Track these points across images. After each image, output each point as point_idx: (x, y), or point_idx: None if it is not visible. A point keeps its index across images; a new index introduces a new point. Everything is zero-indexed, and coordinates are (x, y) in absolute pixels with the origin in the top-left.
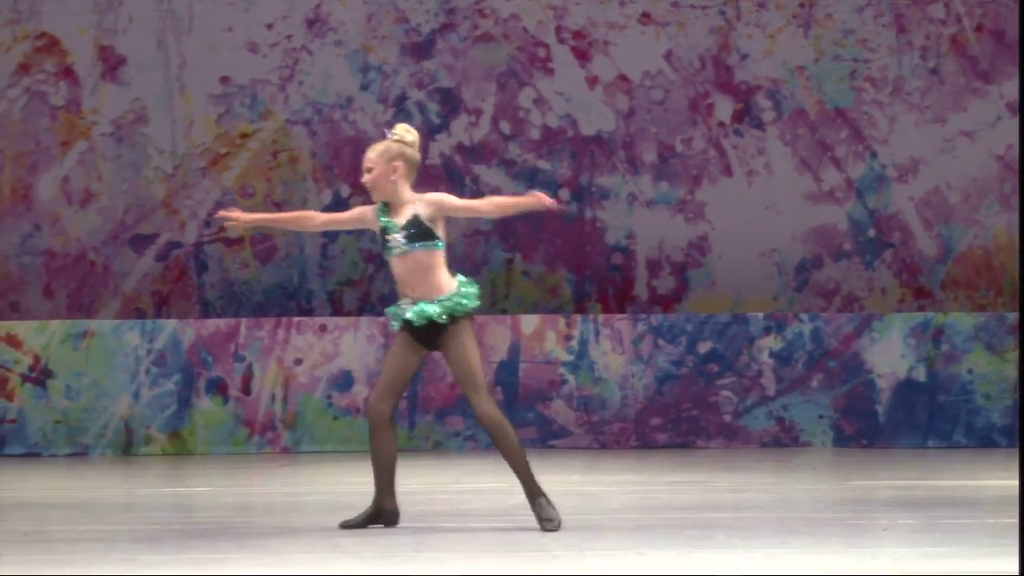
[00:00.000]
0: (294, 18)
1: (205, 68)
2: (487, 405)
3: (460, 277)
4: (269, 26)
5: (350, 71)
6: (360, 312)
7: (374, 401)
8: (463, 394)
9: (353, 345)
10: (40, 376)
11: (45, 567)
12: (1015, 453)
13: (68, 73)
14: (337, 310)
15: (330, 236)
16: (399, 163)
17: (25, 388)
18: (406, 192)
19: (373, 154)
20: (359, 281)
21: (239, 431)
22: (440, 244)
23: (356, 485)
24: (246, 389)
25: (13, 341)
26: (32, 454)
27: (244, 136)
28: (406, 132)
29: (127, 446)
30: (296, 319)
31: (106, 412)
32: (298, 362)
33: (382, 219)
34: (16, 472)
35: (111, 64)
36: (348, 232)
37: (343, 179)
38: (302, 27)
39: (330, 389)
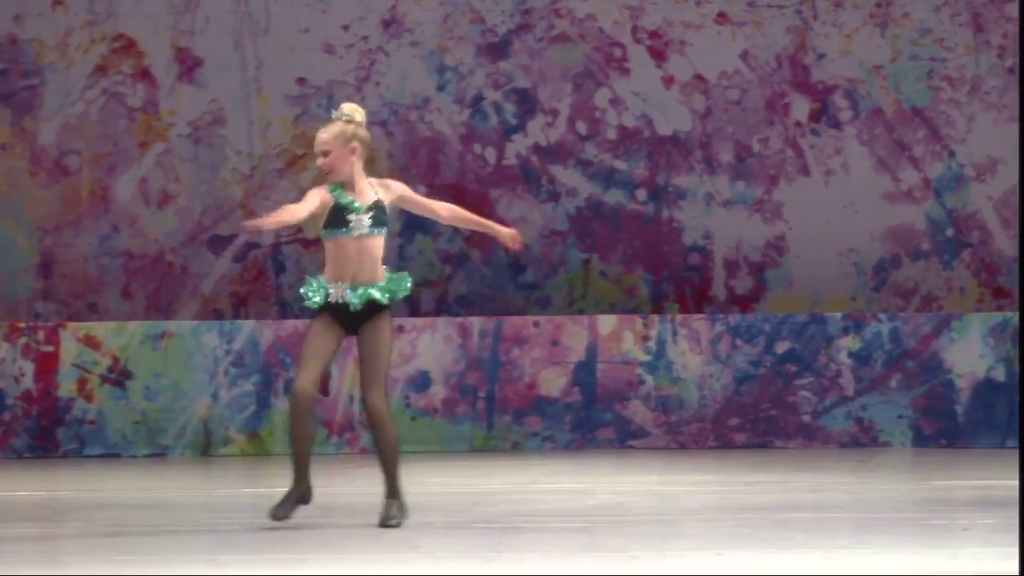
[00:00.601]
0: (370, 19)
1: (282, 69)
2: (378, 398)
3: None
4: (345, 27)
5: (426, 72)
6: (437, 313)
7: (304, 384)
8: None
9: (430, 346)
10: (119, 377)
11: (125, 567)
12: None
13: (145, 75)
14: (414, 311)
15: (407, 237)
16: (356, 144)
17: (104, 389)
18: (362, 174)
19: (327, 135)
20: (436, 282)
21: (317, 432)
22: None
23: (433, 485)
24: (324, 390)
25: (92, 342)
26: (111, 455)
27: None
28: (355, 111)
29: (206, 447)
30: None
31: (185, 413)
32: None
33: (342, 199)
34: (96, 472)
35: (188, 65)
36: (425, 233)
37: (420, 180)
38: (378, 28)
39: (408, 390)
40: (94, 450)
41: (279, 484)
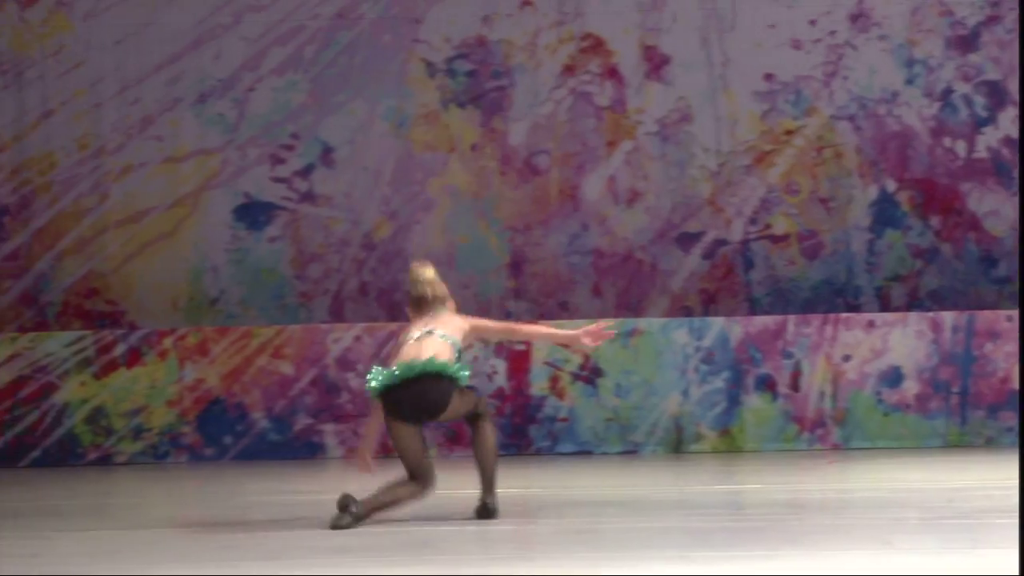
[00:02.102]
0: (837, 13)
1: (749, 65)
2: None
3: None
4: (812, 22)
5: (895, 65)
6: (908, 308)
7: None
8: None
9: (902, 341)
10: (590, 375)
11: (598, 565)
12: None
13: (613, 73)
14: (885, 306)
15: (877, 231)
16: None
17: (576, 387)
18: None
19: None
20: (907, 276)
21: (789, 428)
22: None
23: (907, 482)
24: (795, 386)
25: None
26: (583, 452)
27: (788, 133)
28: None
29: (677, 444)
30: (844, 315)
31: (656, 410)
32: (847, 358)
33: None
34: (568, 470)
35: (655, 63)
36: (894, 227)
37: (889, 174)
38: (845, 22)
39: (879, 385)
40: (566, 447)
41: (750, 481)
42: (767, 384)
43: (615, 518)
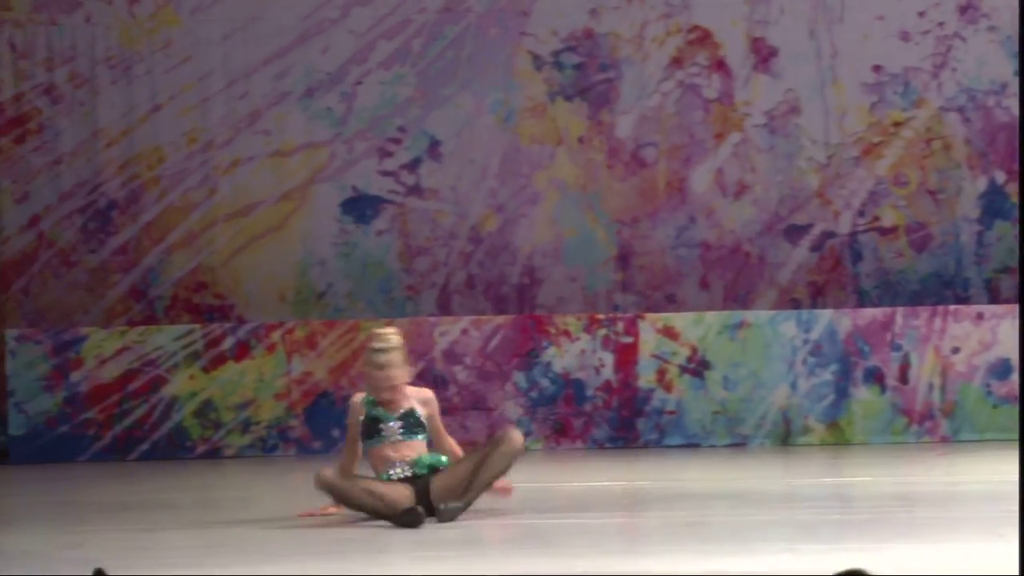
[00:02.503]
0: (946, 5)
1: (857, 57)
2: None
3: None
4: (921, 13)
5: (1004, 57)
6: (1017, 300)
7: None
8: None
9: (1011, 334)
10: (698, 367)
11: (705, 558)
12: None
13: (720, 66)
14: (994, 298)
15: (986, 223)
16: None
17: (683, 379)
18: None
19: (397, 357)
20: (1016, 268)
21: (897, 420)
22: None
23: (1015, 475)
24: (903, 378)
25: (670, 333)
26: (691, 444)
27: (897, 124)
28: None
29: (785, 436)
30: (952, 307)
31: (763, 403)
32: (955, 351)
33: (372, 411)
34: (677, 462)
35: (763, 55)
36: (1004, 218)
37: (998, 165)
38: (954, 14)
39: (988, 378)
40: (674, 440)
41: (858, 473)
42: (875, 377)
43: (723, 511)
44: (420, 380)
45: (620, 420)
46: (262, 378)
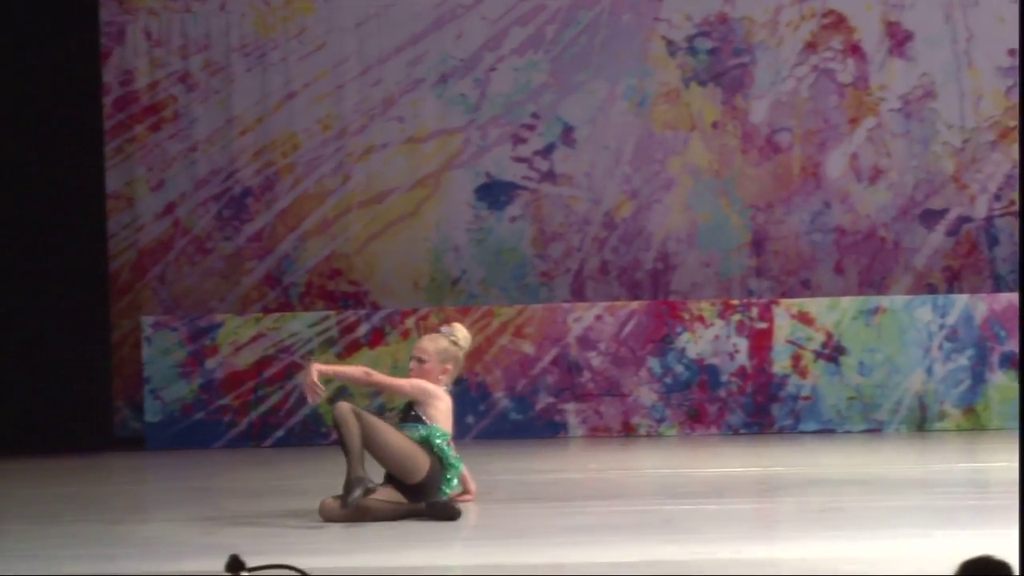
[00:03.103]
0: None
1: (993, 41)
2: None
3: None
4: None
5: None
6: None
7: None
8: None
9: None
10: (833, 353)
11: (837, 543)
12: None
13: (855, 50)
14: None
15: None
16: (450, 366)
17: (818, 365)
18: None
19: (431, 347)
20: None
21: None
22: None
23: None
24: None
25: (805, 318)
26: (826, 430)
27: None
28: (462, 335)
29: (921, 422)
30: None
31: (899, 388)
32: None
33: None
34: (811, 448)
35: (898, 40)
36: None
37: None
38: None
39: None
40: (809, 426)
41: (994, 459)
42: (1012, 362)
43: (858, 496)
44: (554, 366)
45: (755, 406)
46: (396, 364)
